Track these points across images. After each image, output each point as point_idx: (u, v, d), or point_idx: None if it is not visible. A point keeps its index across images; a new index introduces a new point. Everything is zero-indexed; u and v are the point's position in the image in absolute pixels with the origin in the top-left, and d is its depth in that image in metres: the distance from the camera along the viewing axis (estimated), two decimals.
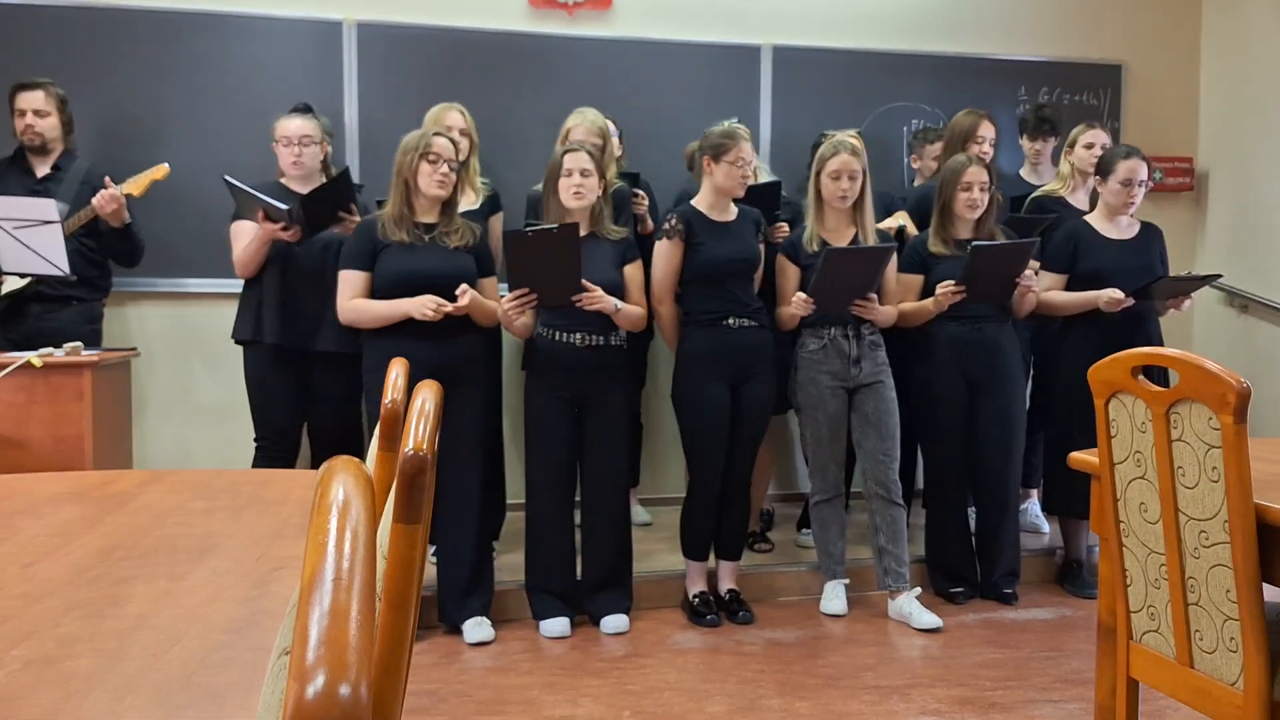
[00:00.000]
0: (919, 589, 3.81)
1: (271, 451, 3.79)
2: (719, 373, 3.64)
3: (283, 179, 3.81)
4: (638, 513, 4.72)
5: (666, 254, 3.67)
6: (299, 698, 0.52)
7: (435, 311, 3.31)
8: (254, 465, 3.82)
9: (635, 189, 4.11)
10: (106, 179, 3.79)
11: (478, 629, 3.52)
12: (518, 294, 3.39)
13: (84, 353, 3.45)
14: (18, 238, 3.56)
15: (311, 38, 4.62)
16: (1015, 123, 4.97)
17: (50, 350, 3.42)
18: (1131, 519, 2.16)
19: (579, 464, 3.64)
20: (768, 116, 4.96)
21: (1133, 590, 2.19)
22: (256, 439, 3.82)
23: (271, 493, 1.89)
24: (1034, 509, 4.65)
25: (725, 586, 3.84)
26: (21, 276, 3.76)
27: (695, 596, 3.78)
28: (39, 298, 3.87)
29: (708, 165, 3.65)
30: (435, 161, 3.40)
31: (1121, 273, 3.90)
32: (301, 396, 3.80)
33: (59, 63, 4.32)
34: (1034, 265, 3.92)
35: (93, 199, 3.75)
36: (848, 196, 3.70)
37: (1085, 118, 4.95)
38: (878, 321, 3.79)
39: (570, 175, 3.51)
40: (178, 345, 4.61)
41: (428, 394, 1.25)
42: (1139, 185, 3.90)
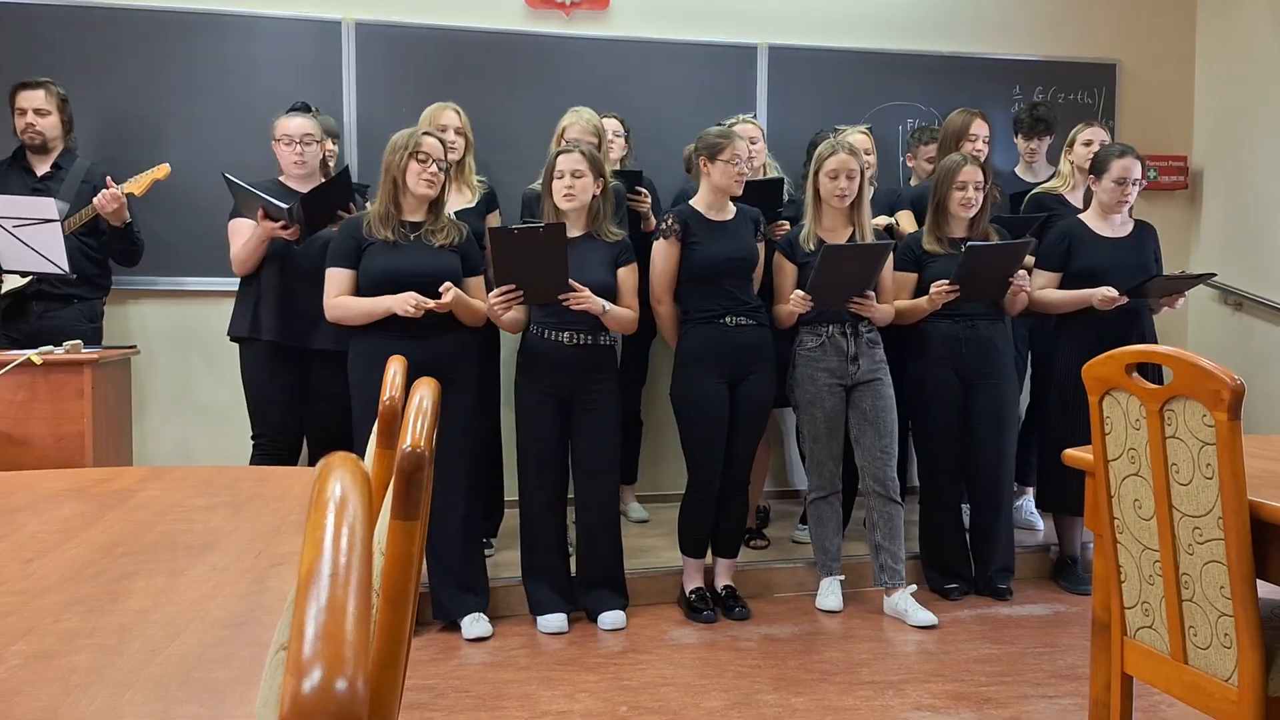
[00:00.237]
0: (914, 586, 3.82)
1: (269, 449, 3.77)
2: (717, 371, 3.65)
3: (282, 178, 3.81)
4: (635, 509, 4.73)
5: (664, 254, 3.68)
6: (296, 692, 0.52)
7: (416, 308, 3.31)
8: (252, 463, 3.81)
9: (639, 187, 4.12)
10: (108, 178, 3.79)
11: (475, 625, 3.53)
12: (503, 290, 3.40)
13: (84, 351, 3.45)
14: (18, 236, 3.56)
15: (310, 37, 4.63)
16: (1010, 122, 4.97)
17: (50, 348, 3.42)
18: (1126, 515, 2.17)
19: (570, 461, 3.65)
20: (764, 116, 4.96)
21: (1127, 586, 2.20)
22: (254, 437, 3.82)
23: (271, 489, 1.90)
24: (1029, 506, 4.66)
25: (722, 583, 3.85)
26: (22, 275, 3.77)
27: (692, 592, 3.79)
28: (40, 296, 3.88)
29: (704, 165, 3.66)
30: (424, 160, 3.39)
31: (1116, 271, 3.90)
32: (299, 394, 3.79)
33: (59, 62, 4.33)
34: (1028, 262, 3.93)
35: (94, 198, 3.76)
36: (845, 196, 3.71)
37: (1080, 116, 4.96)
38: (875, 319, 3.80)
39: (562, 177, 3.51)
40: (178, 343, 4.62)
41: (426, 391, 1.25)
42: (1133, 184, 3.91)
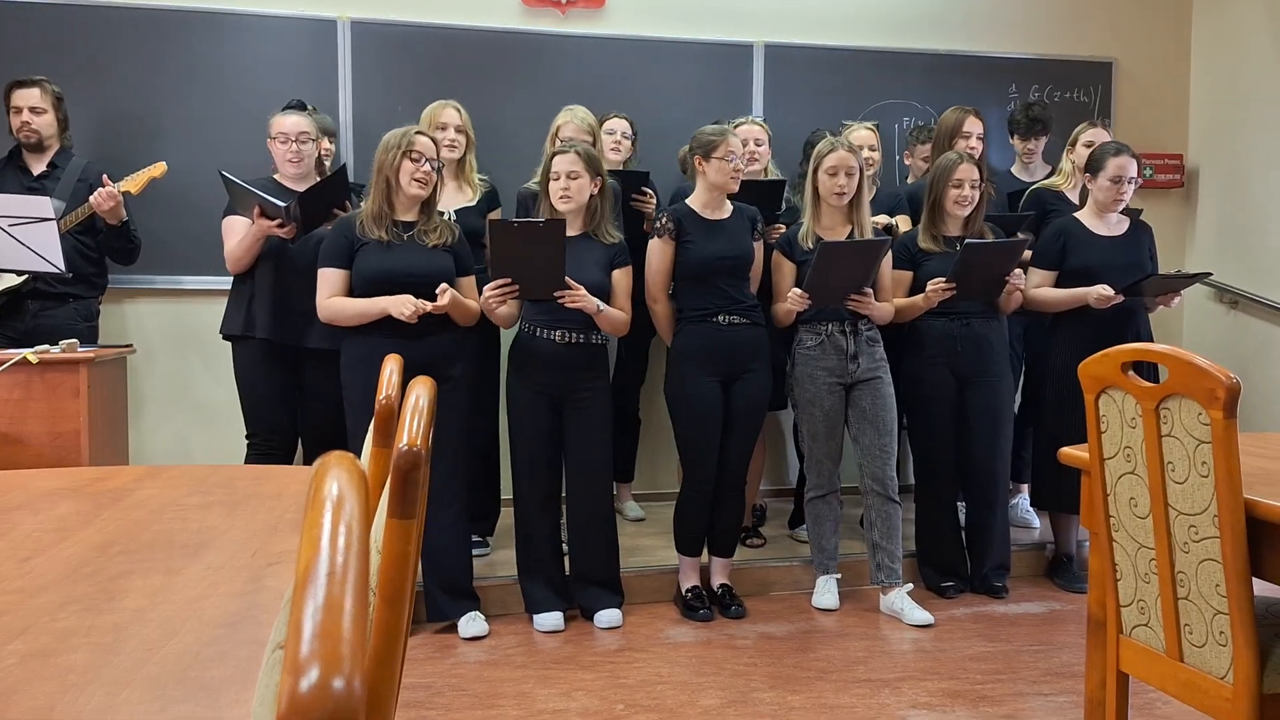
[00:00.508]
0: (910, 585, 3.83)
1: (263, 449, 3.76)
2: (710, 370, 3.65)
3: (277, 176, 3.80)
4: (631, 508, 4.73)
5: (658, 252, 3.69)
6: (293, 691, 0.52)
7: (413, 315, 3.30)
8: (246, 463, 3.80)
9: (645, 187, 4.13)
10: (104, 177, 3.79)
11: (471, 623, 3.53)
12: (498, 283, 3.40)
13: (80, 349, 3.44)
14: (13, 235, 3.55)
15: (306, 35, 4.63)
16: (1005, 121, 4.97)
17: (46, 347, 3.41)
18: (1121, 514, 2.17)
19: (563, 459, 3.65)
20: (760, 115, 4.96)
21: (1122, 584, 2.21)
22: (248, 436, 3.80)
23: (267, 488, 1.90)
24: (1024, 504, 4.66)
25: (718, 581, 3.85)
26: (18, 274, 3.77)
27: (688, 591, 3.80)
28: (36, 295, 3.87)
29: (699, 164, 3.66)
30: (418, 160, 3.39)
31: (1111, 269, 3.91)
32: (293, 393, 3.78)
33: (54, 60, 4.32)
34: (1025, 257, 3.93)
35: (91, 197, 3.75)
36: (844, 193, 3.71)
37: (1076, 115, 4.96)
38: (874, 317, 3.79)
39: (558, 179, 3.51)
40: (174, 342, 4.62)
41: (422, 390, 1.25)
42: (1128, 182, 3.91)
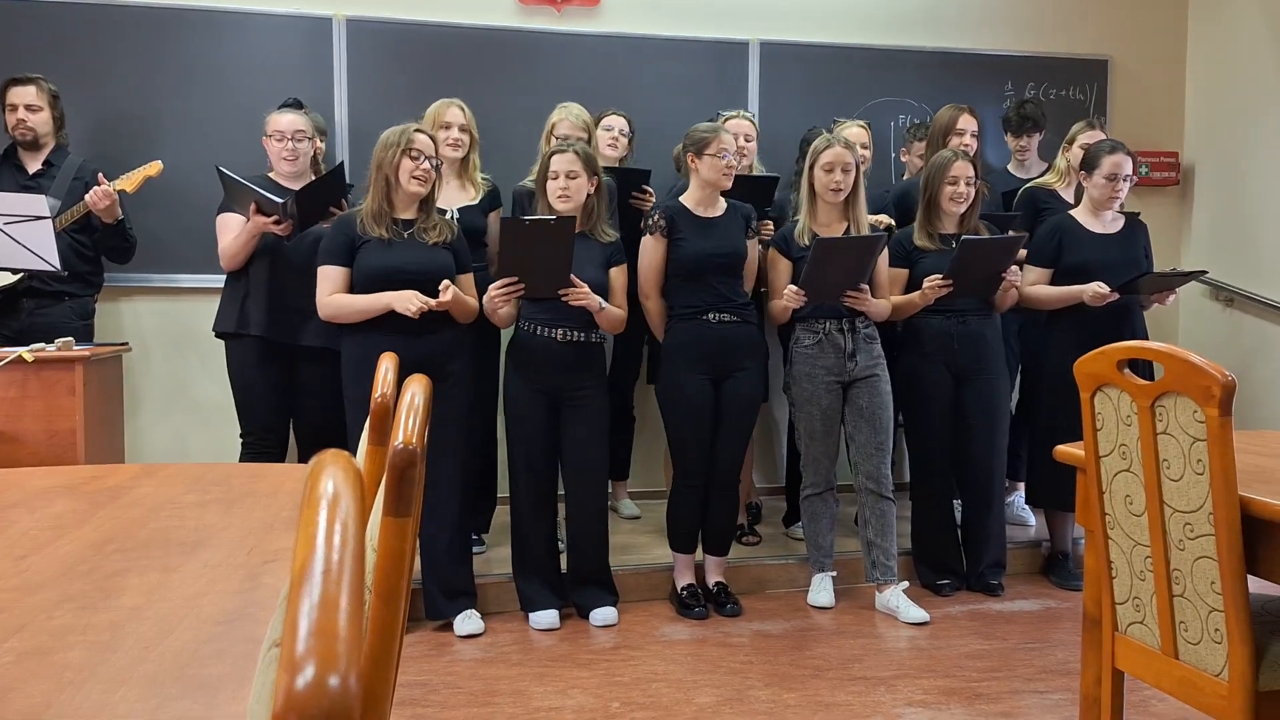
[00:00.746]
0: (906, 583, 3.83)
1: (257, 447, 3.76)
2: (700, 367, 3.65)
3: (271, 174, 3.80)
4: (626, 506, 4.74)
5: (650, 249, 3.69)
6: (289, 688, 0.52)
7: (418, 311, 3.30)
8: (240, 461, 3.80)
9: (645, 186, 4.14)
10: (100, 175, 3.78)
11: (467, 621, 3.53)
12: (504, 282, 3.40)
13: (76, 348, 3.43)
14: (9, 233, 3.54)
15: (301, 34, 4.62)
16: (999, 120, 4.97)
17: (42, 345, 3.41)
18: (1117, 511, 2.17)
19: (560, 457, 3.65)
20: (756, 112, 4.96)
21: (1118, 582, 2.21)
22: (242, 435, 3.80)
23: (263, 486, 1.89)
24: (1020, 501, 4.67)
25: (713, 580, 3.85)
26: (13, 272, 3.76)
27: (683, 589, 3.80)
28: (31, 293, 3.87)
29: (692, 162, 3.67)
30: (417, 158, 3.39)
31: (1106, 266, 3.92)
32: (288, 392, 3.78)
33: (51, 58, 4.31)
34: (1021, 255, 3.94)
35: (86, 195, 3.75)
36: (840, 189, 3.71)
37: (1072, 113, 4.97)
38: (871, 313, 3.79)
39: (556, 178, 3.51)
40: (170, 340, 4.61)
41: (417, 388, 1.25)
42: (1124, 180, 3.92)
